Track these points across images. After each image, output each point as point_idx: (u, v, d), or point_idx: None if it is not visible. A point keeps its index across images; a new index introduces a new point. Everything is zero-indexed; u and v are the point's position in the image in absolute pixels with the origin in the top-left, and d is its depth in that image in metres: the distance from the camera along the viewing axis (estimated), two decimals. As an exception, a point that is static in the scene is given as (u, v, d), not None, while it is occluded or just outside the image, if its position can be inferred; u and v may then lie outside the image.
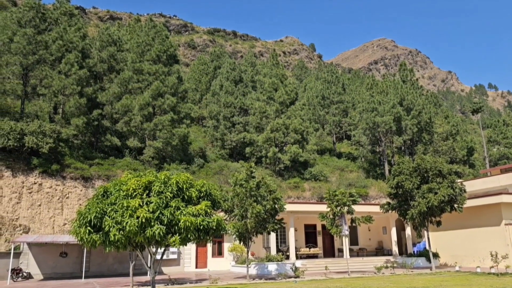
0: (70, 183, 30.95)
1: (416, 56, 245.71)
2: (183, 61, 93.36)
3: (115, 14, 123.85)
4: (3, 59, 31.27)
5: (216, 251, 30.06)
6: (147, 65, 39.80)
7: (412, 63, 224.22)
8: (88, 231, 13.71)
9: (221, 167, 41.14)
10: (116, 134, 38.24)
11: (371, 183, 44.14)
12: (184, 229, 13.64)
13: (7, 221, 27.26)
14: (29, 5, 35.88)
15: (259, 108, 46.25)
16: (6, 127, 28.58)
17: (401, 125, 47.70)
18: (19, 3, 75.67)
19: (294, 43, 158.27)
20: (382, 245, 35.42)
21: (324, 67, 79.52)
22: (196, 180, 15.81)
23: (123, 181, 14.97)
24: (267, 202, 22.64)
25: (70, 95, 34.21)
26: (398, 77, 58.44)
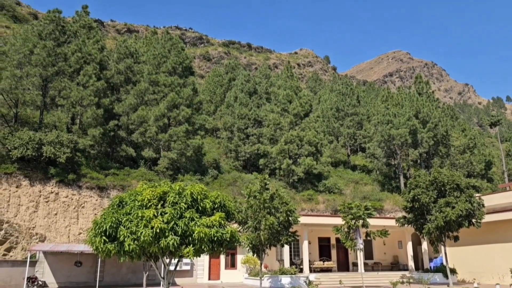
0: (85, 193, 31.31)
1: (432, 69, 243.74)
2: (198, 73, 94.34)
3: (132, 27, 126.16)
4: (24, 71, 32.03)
5: (229, 263, 29.91)
6: (163, 76, 40.34)
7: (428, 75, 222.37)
8: (103, 240, 13.83)
9: (234, 179, 41.16)
10: (132, 144, 38.66)
11: (386, 196, 43.59)
12: (198, 240, 13.66)
13: (24, 230, 27.64)
14: (50, 18, 36.81)
15: (273, 120, 46.31)
16: (25, 137, 29.15)
17: (417, 138, 47.17)
18: (40, 16, 77.77)
19: (309, 55, 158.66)
20: (398, 260, 34.79)
21: (339, 79, 79.44)
22: (210, 191, 15.86)
23: (138, 191, 15.12)
24: (281, 214, 22.52)
25: (87, 106, 34.79)
26: (414, 90, 57.99)
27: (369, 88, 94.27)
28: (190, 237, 13.81)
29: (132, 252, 13.67)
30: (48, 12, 37.74)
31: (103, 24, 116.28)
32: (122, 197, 15.40)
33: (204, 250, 14.23)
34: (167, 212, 13.82)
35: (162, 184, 15.49)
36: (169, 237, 13.41)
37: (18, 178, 29.05)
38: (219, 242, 14.38)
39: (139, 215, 13.66)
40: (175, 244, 13.41)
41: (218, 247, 14.63)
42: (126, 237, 13.47)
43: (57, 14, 37.31)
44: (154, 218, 13.56)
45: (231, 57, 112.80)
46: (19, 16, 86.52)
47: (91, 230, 14.53)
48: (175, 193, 14.49)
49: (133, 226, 13.55)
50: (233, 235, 14.64)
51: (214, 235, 13.84)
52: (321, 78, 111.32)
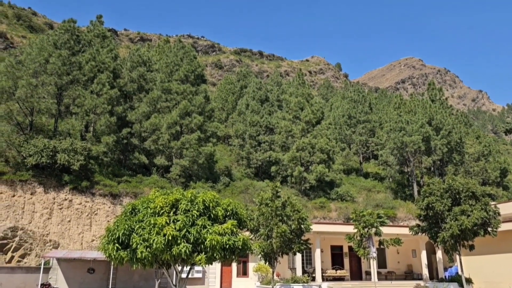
0: (99, 200, 31.57)
1: (445, 75, 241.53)
2: (210, 80, 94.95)
3: (145, 35, 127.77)
4: (39, 80, 32.59)
5: (241, 270, 29.78)
6: (175, 84, 40.68)
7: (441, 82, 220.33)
8: (116, 247, 13.91)
9: (246, 186, 41.12)
10: (144, 152, 38.95)
11: (399, 204, 43.08)
12: (210, 248, 13.65)
13: (38, 236, 27.94)
14: (65, 28, 37.49)
15: (285, 127, 46.27)
16: (40, 145, 29.58)
17: (430, 145, 46.64)
18: (55, 26, 79.28)
19: (320, 62, 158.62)
20: (412, 269, 34.26)
21: (351, 86, 79.19)
22: (222, 199, 15.87)
23: (150, 198, 15.20)
24: (293, 222, 22.39)
25: (101, 114, 35.22)
26: (427, 96, 57.47)
27: (381, 95, 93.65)
28: (202, 245, 13.81)
29: (145, 259, 13.71)
30: (63, 22, 38.47)
31: (116, 33, 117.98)
32: (134, 205, 15.50)
33: (216, 258, 14.22)
34: (179, 219, 13.86)
35: (174, 191, 15.56)
36: (181, 245, 13.42)
37: (33, 185, 29.45)
38: (231, 249, 14.35)
39: (152, 222, 13.72)
40: (187, 252, 13.42)
41: (230, 254, 14.60)
42: (139, 244, 13.53)
43: (72, 24, 37.99)
44: (167, 226, 13.61)
45: (243, 65, 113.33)
46: (35, 26, 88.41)
47: (104, 237, 14.63)
48: (187, 201, 14.53)
49: (146, 233, 13.61)
50: (245, 243, 14.61)
51: (226, 243, 13.82)
52: (333, 85, 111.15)
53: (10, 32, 73.55)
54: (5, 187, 28.33)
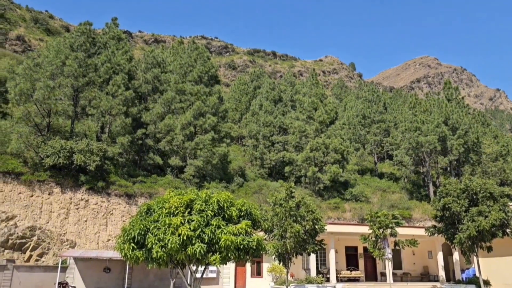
0: (114, 200, 31.95)
1: (461, 74, 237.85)
2: (224, 81, 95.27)
3: (159, 37, 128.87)
4: (56, 82, 33.13)
5: (255, 271, 29.81)
6: (189, 85, 40.94)
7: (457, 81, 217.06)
8: (131, 247, 14.05)
9: (260, 186, 41.14)
10: (159, 152, 39.28)
11: (414, 204, 42.58)
12: (224, 248, 13.70)
13: (55, 236, 28.42)
14: (81, 30, 38.05)
15: (298, 127, 46.16)
16: (57, 146, 30.08)
17: (446, 145, 45.99)
18: (72, 29, 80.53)
19: (334, 62, 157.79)
20: (428, 270, 33.83)
21: (365, 86, 78.55)
22: (236, 199, 15.90)
23: (165, 199, 15.32)
24: (307, 223, 22.34)
25: (116, 115, 35.64)
26: (443, 96, 56.68)
27: (396, 95, 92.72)
28: (217, 245, 13.87)
29: (160, 259, 13.83)
30: (80, 25, 39.05)
31: (131, 35, 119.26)
32: (149, 205, 15.65)
33: (231, 258, 14.26)
34: (194, 219, 13.94)
35: (188, 191, 15.65)
36: (196, 245, 13.50)
37: (50, 185, 29.96)
38: (245, 250, 14.38)
39: (167, 222, 13.83)
40: (202, 252, 13.49)
41: (244, 255, 14.63)
42: (154, 244, 13.66)
43: (88, 27, 38.53)
44: (181, 226, 13.70)
45: (256, 65, 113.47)
46: (52, 29, 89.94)
47: (120, 237, 14.80)
48: (202, 201, 14.61)
49: (161, 233, 13.73)
50: (259, 243, 14.62)
51: (240, 243, 13.86)
52: (347, 85, 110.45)
53: (28, 35, 74.98)
54: (23, 187, 28.89)
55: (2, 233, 26.58)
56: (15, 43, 69.97)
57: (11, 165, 28.99)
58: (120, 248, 14.52)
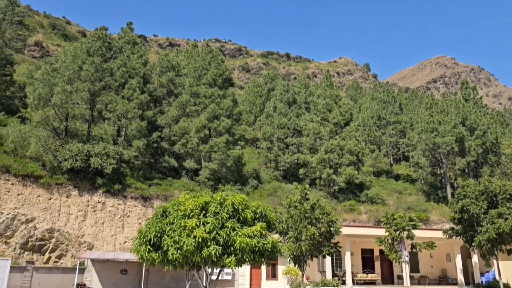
0: (130, 202, 32.30)
1: (479, 74, 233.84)
2: (238, 84, 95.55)
3: (174, 41, 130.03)
4: (73, 86, 33.70)
5: (270, 273, 29.76)
6: (204, 88, 41.18)
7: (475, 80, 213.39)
8: (148, 249, 14.18)
9: (275, 189, 41.10)
10: (174, 155, 39.57)
11: (432, 207, 41.98)
12: (239, 250, 13.71)
13: (73, 238, 28.86)
14: (97, 35, 38.65)
15: (313, 129, 45.99)
16: (74, 149, 30.58)
17: (464, 146, 45.26)
18: (88, 34, 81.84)
19: (348, 63, 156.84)
20: (446, 274, 33.29)
21: (380, 87, 77.86)
22: (251, 201, 15.92)
23: (180, 201, 15.42)
24: (322, 225, 22.24)
25: (132, 118, 36.06)
26: (460, 96, 55.82)
27: (412, 95, 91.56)
28: (232, 247, 13.89)
29: (176, 261, 13.92)
30: (96, 30, 39.69)
31: (146, 39, 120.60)
32: (165, 207, 15.77)
33: (246, 260, 14.27)
34: (209, 222, 14.00)
35: (203, 194, 15.73)
36: (211, 247, 13.55)
37: (68, 188, 30.46)
38: (261, 252, 14.37)
39: (182, 224, 13.92)
40: (217, 254, 13.53)
41: (259, 257, 14.62)
42: (170, 246, 13.75)
43: (104, 32, 39.12)
44: (197, 228, 13.77)
45: (270, 67, 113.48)
46: (69, 34, 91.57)
47: (136, 239, 14.96)
48: (217, 203, 14.66)
49: (176, 235, 13.82)
50: (274, 246, 14.60)
51: (256, 245, 13.86)
52: (361, 86, 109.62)
53: (46, 41, 76.47)
54: (42, 190, 29.43)
55: (22, 235, 27.11)
56: (34, 49, 71.43)
57: (30, 168, 29.56)
58: (136, 250, 14.67)
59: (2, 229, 26.72)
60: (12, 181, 28.60)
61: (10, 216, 27.26)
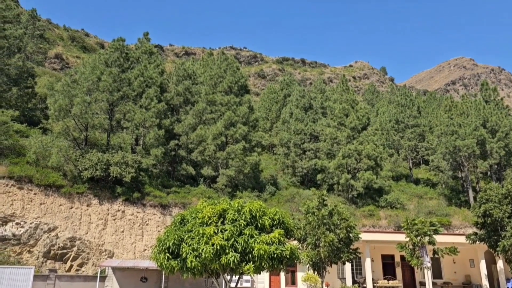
0: (149, 211, 32.61)
1: (499, 74, 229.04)
2: (254, 90, 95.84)
3: (189, 49, 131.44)
4: (92, 97, 34.36)
5: (289, 280, 29.57)
6: (220, 96, 41.46)
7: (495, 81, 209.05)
8: (167, 257, 14.28)
9: (292, 195, 40.92)
10: (191, 163, 39.85)
11: (453, 211, 41.13)
12: (258, 257, 13.69)
13: (94, 246, 29.26)
14: (115, 46, 39.37)
15: (329, 134, 45.73)
16: (94, 159, 31.10)
17: (486, 148, 44.31)
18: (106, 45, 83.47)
19: (364, 67, 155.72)
20: (470, 280, 32.51)
21: (397, 90, 77.01)
22: (268, 208, 15.90)
23: (198, 209, 15.51)
24: (341, 231, 22.02)
25: (149, 127, 36.51)
26: (480, 97, 54.75)
27: (430, 98, 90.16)
28: (250, 254, 13.88)
29: (194, 268, 13.97)
30: (113, 41, 40.42)
31: (162, 48, 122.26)
32: (183, 215, 15.88)
33: (264, 267, 14.23)
34: (227, 229, 14.03)
35: (221, 201, 15.79)
36: (230, 254, 13.56)
37: (89, 197, 30.95)
38: (279, 259, 14.32)
39: (200, 232, 13.99)
40: (236, 261, 13.53)
41: (278, 264, 14.56)
42: (188, 253, 13.82)
43: (121, 43, 39.82)
44: (215, 235, 13.82)
45: (285, 73, 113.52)
46: (87, 46, 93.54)
47: (155, 247, 15.09)
48: (234, 210, 14.69)
49: (195, 243, 13.88)
50: (292, 252, 14.53)
51: (274, 252, 13.82)
52: (378, 90, 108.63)
53: (65, 53, 78.28)
54: (63, 200, 29.99)
55: (45, 244, 27.63)
56: (54, 61, 73.18)
57: (52, 178, 30.17)
58: (155, 258, 14.79)
59: (25, 238, 27.30)
60: (35, 191, 29.24)
61: (33, 225, 27.85)
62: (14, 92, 37.09)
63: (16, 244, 26.97)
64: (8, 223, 27.26)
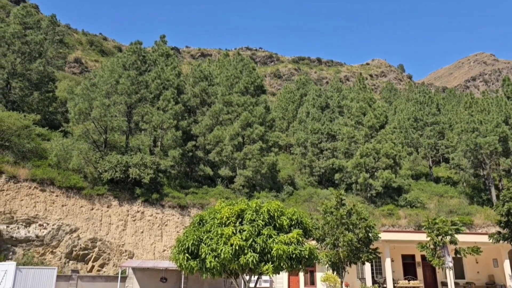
0: (168, 211, 32.92)
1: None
2: (270, 90, 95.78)
3: (205, 51, 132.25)
4: (111, 99, 34.90)
5: (308, 280, 29.46)
6: (236, 97, 41.59)
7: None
8: (186, 257, 14.40)
9: (310, 195, 40.75)
10: (209, 164, 40.08)
11: (475, 210, 40.30)
12: (276, 257, 13.69)
13: (114, 247, 29.71)
14: (132, 50, 39.92)
15: (347, 133, 45.39)
16: (114, 161, 31.58)
17: (508, 145, 43.29)
18: (124, 49, 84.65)
19: (381, 65, 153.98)
20: (494, 280, 31.81)
21: (415, 88, 75.98)
22: (286, 208, 15.87)
23: (217, 209, 15.59)
24: (360, 231, 21.81)
25: (167, 129, 36.88)
26: (501, 93, 53.58)
27: (450, 95, 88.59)
28: (269, 254, 13.89)
29: (213, 268, 14.05)
30: (131, 45, 41.00)
31: (179, 51, 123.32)
32: (202, 216, 15.99)
33: (283, 267, 14.22)
34: (245, 229, 14.07)
35: (239, 202, 15.84)
36: (248, 254, 13.59)
37: (109, 198, 31.44)
38: (298, 259, 14.29)
39: (219, 232, 14.06)
40: (254, 261, 13.55)
41: (296, 264, 14.53)
42: (207, 254, 13.91)
43: (139, 46, 40.35)
44: (233, 236, 13.87)
45: (301, 73, 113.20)
46: (106, 50, 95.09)
47: (174, 248, 15.23)
48: (252, 211, 14.72)
49: (214, 243, 13.96)
50: (311, 252, 14.48)
51: (292, 252, 13.80)
52: (396, 88, 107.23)
53: (84, 57, 79.74)
54: (84, 201, 30.54)
55: (67, 245, 28.19)
56: (73, 65, 74.60)
57: (73, 180, 30.75)
58: (175, 258, 14.93)
59: (48, 239, 27.89)
60: (57, 193, 29.85)
61: (55, 226, 28.43)
62: (35, 96, 37.92)
63: (39, 245, 27.57)
64: (32, 224, 27.90)
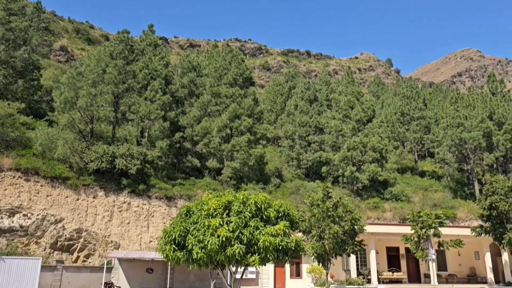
0: (155, 202, 32.79)
1: (506, 66, 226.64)
2: (258, 83, 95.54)
3: (194, 41, 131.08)
4: (98, 89, 34.41)
5: (294, 272, 29.72)
6: (224, 88, 41.41)
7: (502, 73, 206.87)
8: (173, 248, 14.39)
9: (297, 187, 40.96)
10: (196, 155, 39.94)
11: (459, 203, 41.03)
12: (263, 249, 13.77)
13: (100, 238, 29.51)
14: (119, 39, 39.34)
15: (334, 126, 45.63)
16: (100, 151, 31.25)
17: (492, 141, 44.05)
18: (111, 37, 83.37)
19: (370, 59, 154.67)
20: (475, 272, 32.51)
21: (403, 82, 76.57)
22: (273, 200, 15.94)
23: (204, 201, 15.58)
24: (345, 223, 22.06)
25: (155, 119, 36.58)
26: (487, 89, 54.36)
27: (436, 90, 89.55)
28: (255, 246, 13.96)
29: (200, 260, 14.07)
30: (118, 33, 40.40)
31: (167, 40, 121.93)
32: (189, 207, 15.96)
33: (269, 259, 14.32)
34: (232, 221, 14.09)
35: (226, 193, 15.85)
36: (235, 246, 13.64)
37: (95, 189, 31.16)
38: (284, 251, 14.39)
39: (206, 224, 14.07)
40: (241, 253, 13.61)
41: (283, 256, 14.64)
42: (194, 245, 13.92)
43: (126, 35, 39.78)
44: (220, 227, 13.89)
45: (290, 65, 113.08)
46: (92, 38, 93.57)
47: (161, 239, 15.20)
48: (240, 202, 14.75)
49: (200, 234, 13.97)
50: (297, 244, 14.59)
51: (279, 244, 13.89)
52: (384, 82, 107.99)
53: (70, 45, 78.35)
54: (70, 191, 30.21)
55: (52, 235, 27.91)
56: (59, 53, 73.26)
57: (58, 170, 30.36)
58: (161, 249, 14.90)
59: (32, 229, 27.57)
60: (41, 183, 29.45)
61: (40, 217, 28.10)
62: (20, 84, 37.20)
63: (24, 235, 27.25)
64: (16, 214, 27.53)
